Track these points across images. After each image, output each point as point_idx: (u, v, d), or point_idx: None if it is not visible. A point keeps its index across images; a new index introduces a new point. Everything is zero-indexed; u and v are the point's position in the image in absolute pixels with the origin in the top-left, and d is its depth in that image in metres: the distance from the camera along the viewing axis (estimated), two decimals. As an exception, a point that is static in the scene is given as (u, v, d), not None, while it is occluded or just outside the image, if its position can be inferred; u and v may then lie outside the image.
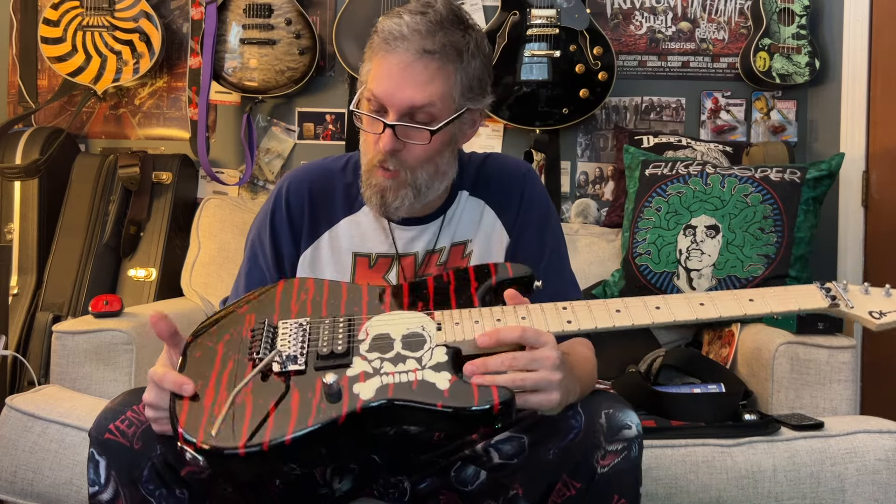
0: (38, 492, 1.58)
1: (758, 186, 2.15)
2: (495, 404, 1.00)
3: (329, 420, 1.00)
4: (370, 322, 1.13)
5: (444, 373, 1.05)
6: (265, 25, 2.50)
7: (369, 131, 1.25)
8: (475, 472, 1.28)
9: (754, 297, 1.14)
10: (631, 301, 1.14)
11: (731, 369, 2.00)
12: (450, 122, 1.24)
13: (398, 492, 1.32)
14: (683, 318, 1.12)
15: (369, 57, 1.25)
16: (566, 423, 1.14)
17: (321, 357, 1.08)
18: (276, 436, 0.99)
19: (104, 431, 1.12)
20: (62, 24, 2.51)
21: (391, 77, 1.20)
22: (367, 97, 1.23)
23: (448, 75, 1.22)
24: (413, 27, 1.20)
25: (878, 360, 2.34)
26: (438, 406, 1.01)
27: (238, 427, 1.00)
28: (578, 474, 1.12)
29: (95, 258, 2.36)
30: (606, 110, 2.64)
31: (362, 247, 1.35)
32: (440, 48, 1.20)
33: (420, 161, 1.24)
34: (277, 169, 2.69)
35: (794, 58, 2.51)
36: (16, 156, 2.43)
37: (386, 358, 1.07)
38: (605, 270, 2.30)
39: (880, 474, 1.55)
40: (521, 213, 1.36)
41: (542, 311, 1.12)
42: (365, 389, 1.03)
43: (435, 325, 1.11)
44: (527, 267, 1.21)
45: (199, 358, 1.11)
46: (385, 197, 1.25)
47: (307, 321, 1.14)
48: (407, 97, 1.20)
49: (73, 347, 1.81)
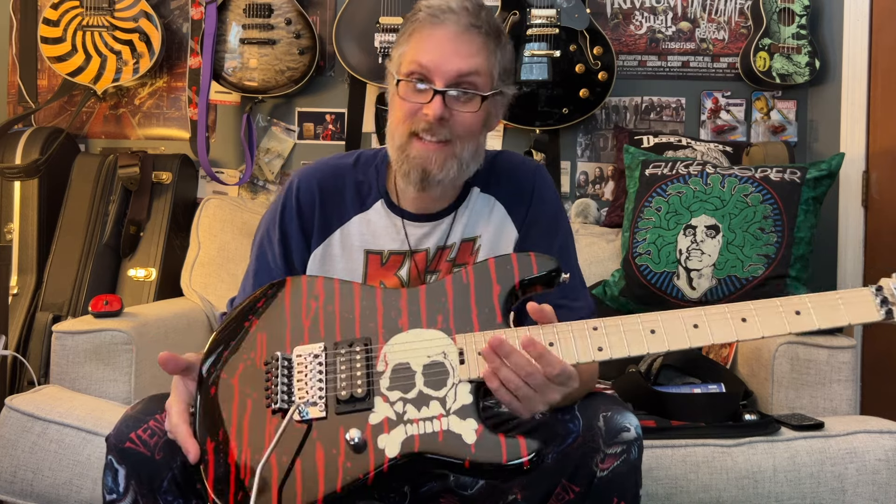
0: (38, 492, 1.58)
1: (758, 186, 2.15)
2: (525, 462, 0.99)
3: (357, 481, 1.00)
4: (388, 347, 1.09)
5: (469, 420, 1.02)
6: (265, 25, 2.50)
7: (414, 101, 1.25)
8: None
9: (801, 310, 1.05)
10: (666, 318, 1.06)
11: (731, 369, 2.00)
12: (491, 94, 1.26)
13: (399, 495, 1.32)
14: (723, 339, 1.04)
15: (411, 32, 1.28)
16: (564, 428, 1.13)
17: (341, 402, 1.06)
18: (307, 501, 0.99)
19: (125, 440, 1.11)
20: (62, 24, 2.51)
21: (440, 46, 1.24)
22: (409, 70, 1.25)
23: (490, 52, 1.26)
24: (461, 4, 1.25)
25: (878, 360, 2.34)
26: (466, 465, 1.00)
27: (268, 495, 0.99)
28: (577, 479, 1.12)
29: (95, 258, 2.36)
30: (606, 110, 2.64)
31: (374, 244, 1.35)
32: (485, 24, 1.25)
33: (468, 130, 1.26)
34: (277, 169, 2.69)
35: (794, 58, 2.50)
36: (16, 156, 2.42)
37: (408, 399, 1.04)
38: (605, 270, 2.30)
39: (880, 474, 1.55)
40: (531, 209, 1.37)
41: (572, 335, 1.06)
42: (390, 444, 1.01)
43: (457, 353, 1.07)
44: (552, 259, 1.14)
45: (215, 397, 1.09)
46: (428, 168, 1.25)
47: (321, 349, 1.10)
48: (455, 66, 1.23)
49: (72, 347, 1.81)
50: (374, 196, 1.36)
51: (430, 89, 1.23)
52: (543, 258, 1.13)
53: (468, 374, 1.05)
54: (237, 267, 2.32)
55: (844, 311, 1.04)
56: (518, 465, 0.98)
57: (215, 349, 1.13)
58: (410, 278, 1.35)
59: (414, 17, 1.28)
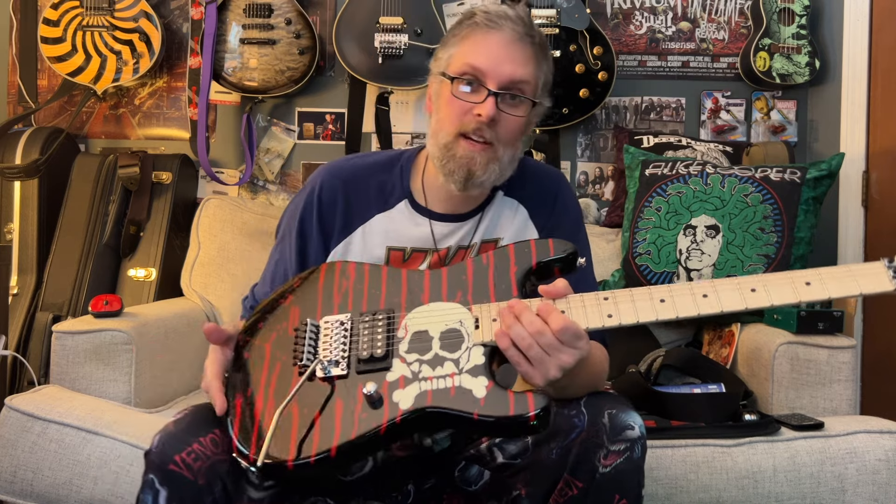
0: (38, 492, 1.58)
1: (758, 186, 2.15)
2: (531, 415, 1.01)
3: (371, 430, 1.04)
4: (409, 317, 1.15)
5: (481, 378, 1.06)
6: (265, 25, 2.50)
7: (466, 100, 1.27)
8: (479, 472, 1.28)
9: (811, 280, 1.05)
10: (676, 288, 1.09)
11: (731, 369, 2.00)
12: (536, 103, 1.30)
13: (401, 494, 1.32)
14: (732, 308, 1.06)
15: (465, 35, 1.31)
16: (569, 422, 1.14)
17: (362, 361, 1.12)
18: (322, 448, 1.03)
19: (169, 461, 1.10)
20: (62, 24, 2.51)
21: (496, 51, 1.27)
22: (461, 71, 1.28)
23: (539, 63, 1.30)
24: (517, 13, 1.30)
25: (878, 360, 2.34)
26: (475, 416, 1.03)
27: (286, 440, 1.04)
28: (580, 474, 1.12)
29: (95, 258, 2.36)
30: (606, 110, 2.64)
31: (397, 241, 1.38)
32: (537, 36, 1.30)
33: (512, 136, 1.29)
34: (277, 169, 2.69)
35: (794, 58, 2.50)
36: (16, 156, 2.42)
37: (424, 360, 1.09)
38: (605, 270, 2.30)
39: (880, 474, 1.55)
40: (553, 214, 1.41)
41: (583, 303, 1.11)
42: (404, 398, 1.06)
43: (473, 320, 1.12)
44: (568, 243, 1.19)
45: (248, 360, 1.16)
46: (472, 169, 1.28)
47: (348, 318, 1.17)
48: (509, 71, 1.26)
49: (72, 347, 1.81)
50: (398, 196, 1.39)
51: (483, 90, 1.26)
52: (560, 242, 1.18)
53: (481, 338, 1.10)
54: (237, 267, 2.32)
55: (856, 282, 1.04)
56: (525, 418, 1.01)
57: (253, 323, 1.21)
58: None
59: (470, 21, 1.31)
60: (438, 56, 1.34)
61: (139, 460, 1.56)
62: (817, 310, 1.84)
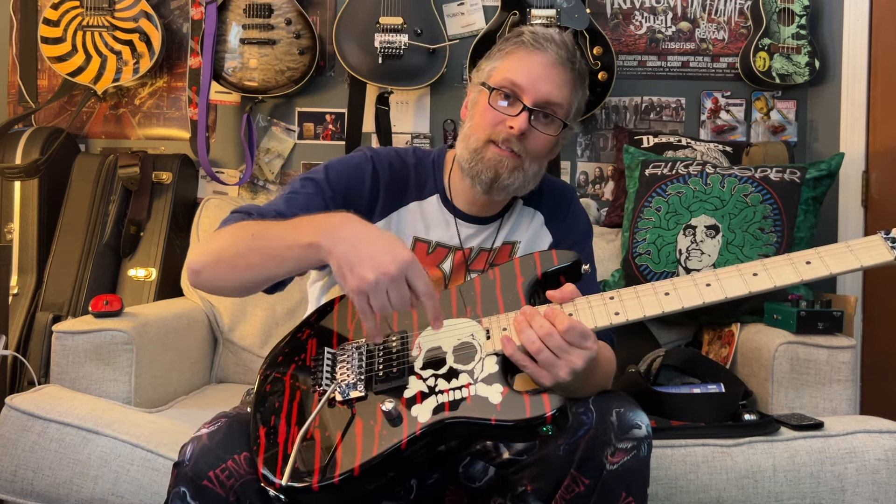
0: (38, 491, 1.58)
1: (758, 186, 2.15)
2: (548, 417, 1.03)
3: (392, 446, 1.05)
4: (422, 336, 1.18)
5: (495, 385, 1.08)
6: (265, 25, 2.50)
7: (501, 112, 1.32)
8: (484, 468, 1.28)
9: (811, 259, 1.07)
10: (679, 281, 1.11)
11: (731, 369, 2.00)
12: (566, 126, 1.36)
13: (404, 489, 1.33)
14: (736, 294, 1.07)
15: (509, 51, 1.36)
16: (577, 419, 1.15)
17: (378, 381, 1.14)
18: (345, 468, 1.04)
19: (203, 477, 1.10)
20: (62, 24, 2.51)
21: (536, 70, 1.32)
22: (500, 84, 1.33)
23: (575, 89, 1.36)
24: (562, 38, 1.35)
25: (878, 359, 2.34)
26: (493, 421, 1.04)
27: (310, 463, 1.06)
28: (587, 470, 1.14)
29: (95, 258, 2.36)
30: (606, 110, 2.64)
31: (425, 233, 1.42)
32: (578, 63, 1.36)
33: (539, 151, 1.35)
34: (277, 169, 2.69)
35: (794, 58, 2.51)
36: (16, 156, 2.43)
37: (439, 374, 1.12)
38: (605, 270, 2.30)
39: (880, 474, 1.55)
40: (566, 225, 1.48)
41: (589, 304, 1.13)
42: (423, 411, 1.08)
43: (484, 332, 1.15)
44: (572, 252, 1.24)
45: (269, 391, 1.18)
46: (499, 171, 1.33)
47: (363, 343, 1.20)
48: (546, 91, 1.32)
49: (73, 347, 1.81)
50: (431, 189, 1.44)
51: (519, 104, 1.31)
52: (564, 252, 1.23)
53: (493, 347, 1.13)
54: (237, 267, 2.32)
55: (855, 256, 1.05)
56: (541, 418, 1.02)
57: (273, 358, 1.24)
58: (452, 272, 1.42)
59: (517, 39, 1.36)
60: (481, 67, 1.39)
61: (139, 460, 1.57)
62: (817, 310, 1.84)
